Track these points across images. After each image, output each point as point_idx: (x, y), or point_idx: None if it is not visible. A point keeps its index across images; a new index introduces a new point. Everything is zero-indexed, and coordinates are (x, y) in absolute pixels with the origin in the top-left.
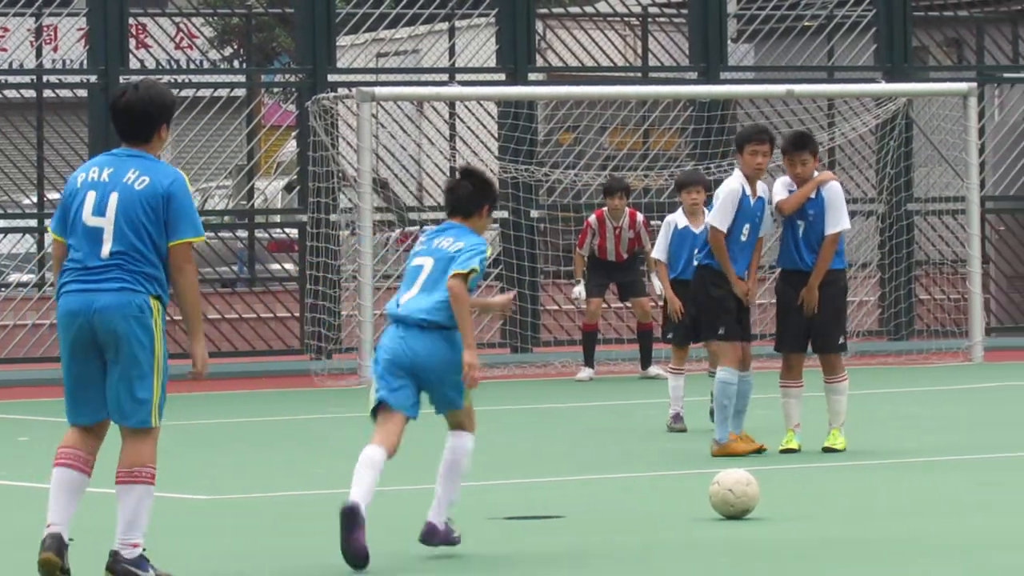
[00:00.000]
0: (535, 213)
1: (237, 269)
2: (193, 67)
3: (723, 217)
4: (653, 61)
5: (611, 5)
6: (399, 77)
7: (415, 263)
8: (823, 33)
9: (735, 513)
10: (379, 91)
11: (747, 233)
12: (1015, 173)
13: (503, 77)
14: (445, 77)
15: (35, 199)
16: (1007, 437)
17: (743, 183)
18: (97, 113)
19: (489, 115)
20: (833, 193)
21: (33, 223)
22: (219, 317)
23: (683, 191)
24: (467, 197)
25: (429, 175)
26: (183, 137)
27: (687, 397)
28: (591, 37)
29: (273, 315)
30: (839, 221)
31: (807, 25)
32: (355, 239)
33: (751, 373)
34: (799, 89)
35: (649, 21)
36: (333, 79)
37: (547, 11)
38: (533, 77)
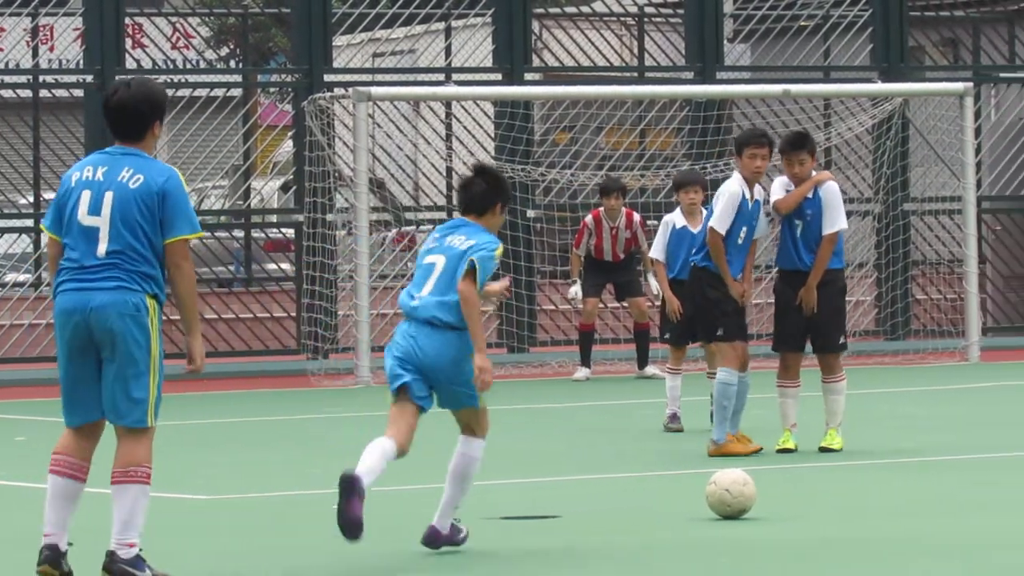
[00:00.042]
0: (531, 213)
1: (233, 269)
2: (189, 67)
3: (724, 220)
4: (649, 61)
5: (607, 5)
6: (395, 77)
7: (427, 261)
8: (819, 33)
9: (732, 513)
10: (375, 91)
11: (744, 236)
12: (1011, 173)
13: (499, 77)
14: (441, 77)
15: (31, 199)
16: (1004, 437)
17: (742, 186)
18: (93, 113)
19: (485, 115)
20: (830, 193)
21: (29, 223)
22: (215, 317)
23: (681, 191)
24: (480, 195)
25: (425, 175)
26: (179, 137)
27: (684, 397)
28: (587, 37)
29: (269, 315)
30: (837, 221)
31: (803, 25)
32: (351, 239)
33: (747, 374)
34: (795, 89)
35: (645, 21)
36: (329, 79)
37: (543, 11)
38: (529, 77)
